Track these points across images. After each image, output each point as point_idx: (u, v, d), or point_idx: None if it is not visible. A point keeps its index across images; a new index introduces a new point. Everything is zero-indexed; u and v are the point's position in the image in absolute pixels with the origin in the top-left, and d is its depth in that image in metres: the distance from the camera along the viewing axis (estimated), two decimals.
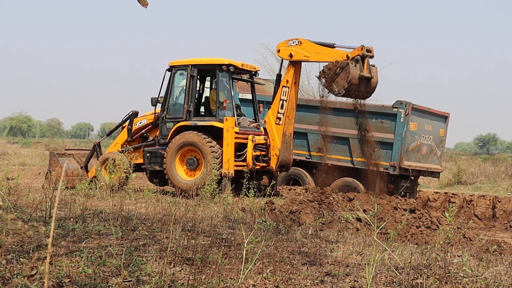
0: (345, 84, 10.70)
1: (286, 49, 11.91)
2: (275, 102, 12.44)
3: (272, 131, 12.50)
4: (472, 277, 5.63)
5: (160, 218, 7.93)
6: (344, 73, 10.71)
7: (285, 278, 5.20)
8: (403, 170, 13.32)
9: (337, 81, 10.81)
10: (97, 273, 4.85)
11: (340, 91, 10.82)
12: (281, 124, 12.36)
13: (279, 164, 12.70)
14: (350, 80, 10.64)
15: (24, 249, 5.48)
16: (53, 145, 38.37)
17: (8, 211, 7.38)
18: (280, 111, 12.34)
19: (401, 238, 8.86)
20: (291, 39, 11.92)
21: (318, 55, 11.52)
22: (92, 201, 10.07)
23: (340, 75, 10.73)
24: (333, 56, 11.21)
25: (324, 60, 11.40)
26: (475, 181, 21.85)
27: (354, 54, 10.96)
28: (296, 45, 11.75)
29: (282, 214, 9.07)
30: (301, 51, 11.73)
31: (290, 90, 12.17)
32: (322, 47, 11.50)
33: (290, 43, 11.87)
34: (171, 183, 12.67)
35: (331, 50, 11.38)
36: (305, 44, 11.70)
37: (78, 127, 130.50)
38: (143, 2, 6.74)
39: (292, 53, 11.85)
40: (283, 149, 12.53)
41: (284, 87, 12.25)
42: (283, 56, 12.13)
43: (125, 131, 13.94)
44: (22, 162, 22.96)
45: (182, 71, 13.09)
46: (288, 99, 12.17)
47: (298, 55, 11.81)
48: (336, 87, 10.81)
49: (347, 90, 10.81)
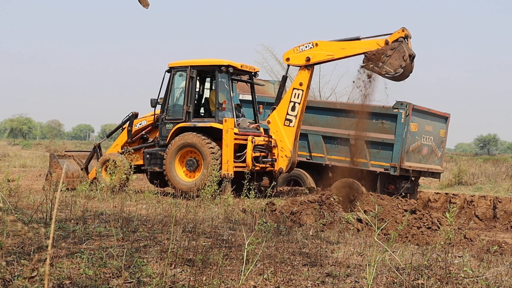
0: (402, 63, 10.61)
1: (300, 54, 11.69)
2: (283, 103, 12.28)
3: (280, 132, 12.38)
4: (473, 278, 5.62)
5: (160, 220, 7.93)
6: (398, 53, 10.62)
7: (286, 279, 5.20)
8: (403, 171, 13.31)
9: (390, 62, 10.70)
10: (97, 275, 4.84)
11: (397, 70, 10.68)
12: (293, 126, 12.26)
13: (290, 165, 12.71)
14: (406, 58, 10.60)
15: (24, 251, 5.48)
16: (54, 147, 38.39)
17: (8, 213, 7.38)
18: (291, 113, 12.19)
19: (402, 238, 8.86)
20: (302, 44, 11.71)
21: (345, 51, 11.28)
22: (92, 203, 10.07)
23: (393, 56, 10.63)
24: (365, 46, 11.03)
25: (354, 53, 11.21)
26: (475, 182, 21.83)
27: (396, 36, 10.89)
28: (312, 48, 11.55)
29: (283, 215, 9.07)
30: (321, 52, 11.51)
31: (304, 93, 12.02)
32: (348, 42, 11.27)
33: (302, 48, 11.66)
34: (171, 184, 12.67)
35: (361, 41, 11.19)
36: (322, 44, 11.50)
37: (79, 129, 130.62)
38: (144, 2, 6.74)
39: (309, 56, 11.62)
40: (294, 150, 12.49)
41: (297, 89, 12.06)
42: (296, 63, 11.86)
43: (125, 132, 13.94)
44: (22, 164, 22.96)
45: (181, 72, 13.09)
46: (301, 102, 12.06)
47: (318, 57, 11.58)
48: (390, 68, 10.66)
49: (403, 69, 10.72)
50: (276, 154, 12.74)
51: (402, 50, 10.62)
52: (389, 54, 10.64)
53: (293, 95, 12.12)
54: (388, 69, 10.69)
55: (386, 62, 10.69)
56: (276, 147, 12.72)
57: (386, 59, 10.66)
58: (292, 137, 12.31)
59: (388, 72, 10.75)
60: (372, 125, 13.51)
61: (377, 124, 13.47)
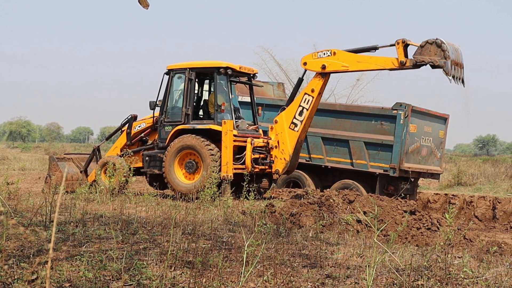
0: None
1: (317, 61, 11.44)
2: (293, 106, 12.12)
3: (284, 134, 12.24)
4: (472, 278, 5.63)
5: (160, 222, 7.93)
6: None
7: (285, 280, 5.20)
8: (403, 172, 13.32)
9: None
10: (97, 277, 4.84)
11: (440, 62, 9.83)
12: (297, 131, 12.08)
13: (287, 168, 12.67)
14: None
15: (24, 254, 5.48)
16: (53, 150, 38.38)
17: (8, 216, 7.38)
18: (298, 117, 12.01)
19: (402, 239, 8.86)
20: (320, 50, 11.48)
21: (360, 64, 10.99)
22: (92, 205, 10.07)
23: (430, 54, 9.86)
24: (380, 64, 10.71)
25: (368, 69, 11.03)
26: (475, 182, 21.85)
27: (402, 53, 10.29)
28: (329, 56, 11.27)
29: (283, 217, 9.07)
30: (337, 62, 11.22)
31: (314, 100, 11.81)
32: (363, 56, 10.92)
33: (320, 54, 11.40)
34: (170, 186, 12.67)
35: (377, 58, 10.80)
36: (340, 54, 11.17)
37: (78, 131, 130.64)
38: (144, 3, 6.74)
39: (325, 64, 11.35)
40: (294, 155, 12.40)
41: (308, 95, 11.84)
42: (312, 68, 11.63)
43: (124, 135, 13.94)
44: (21, 167, 22.96)
45: (180, 75, 13.10)
46: (310, 108, 11.83)
47: (333, 66, 11.28)
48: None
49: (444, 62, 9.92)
50: (274, 156, 12.69)
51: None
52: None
53: (303, 100, 11.92)
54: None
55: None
56: (274, 148, 12.69)
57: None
58: (294, 142, 12.18)
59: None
60: (371, 126, 13.53)
61: (376, 125, 13.49)
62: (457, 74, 9.77)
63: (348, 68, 11.13)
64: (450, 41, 10.10)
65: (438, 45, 9.54)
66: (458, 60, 9.79)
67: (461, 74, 9.85)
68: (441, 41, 9.57)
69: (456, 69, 9.71)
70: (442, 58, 9.57)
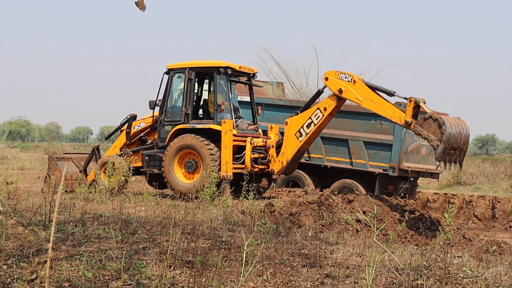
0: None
1: (337, 81, 11.08)
2: (304, 115, 11.81)
3: (289, 139, 12.01)
4: (472, 278, 5.63)
5: (159, 221, 7.93)
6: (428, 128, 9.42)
7: (285, 280, 5.20)
8: (402, 172, 13.32)
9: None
10: (97, 277, 4.84)
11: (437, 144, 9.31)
12: (300, 141, 11.86)
13: (282, 172, 12.65)
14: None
15: (24, 254, 5.48)
16: (52, 149, 38.36)
17: (7, 216, 7.38)
18: (305, 128, 11.75)
19: (401, 239, 8.88)
20: (344, 72, 11.11)
21: (372, 104, 10.61)
22: (91, 205, 10.07)
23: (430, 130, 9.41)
24: (389, 113, 10.39)
25: (378, 112, 10.64)
26: (474, 182, 21.86)
27: (410, 112, 9.91)
28: (349, 82, 10.88)
29: (282, 216, 9.08)
30: (353, 92, 10.82)
31: (323, 118, 11.52)
32: (378, 98, 10.56)
33: (342, 76, 11.02)
34: (170, 186, 12.66)
35: (388, 105, 10.46)
36: (359, 85, 10.78)
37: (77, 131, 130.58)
38: (141, 5, 6.76)
39: (342, 89, 10.97)
40: (292, 161, 12.31)
41: (320, 111, 11.52)
42: (330, 87, 11.24)
43: (124, 134, 13.93)
44: (21, 166, 22.96)
45: (180, 74, 13.09)
46: (318, 125, 11.57)
47: (349, 95, 10.92)
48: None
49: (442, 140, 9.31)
50: (271, 155, 12.66)
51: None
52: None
53: (314, 114, 11.62)
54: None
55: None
56: (271, 147, 12.68)
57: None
58: (295, 150, 11.99)
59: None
60: (370, 126, 13.53)
61: (375, 125, 13.48)
62: (452, 158, 9.31)
63: (360, 103, 10.81)
64: (462, 119, 9.61)
65: (439, 125, 9.13)
66: (458, 145, 9.35)
67: (458, 157, 9.42)
68: (443, 121, 9.10)
69: (452, 153, 9.28)
70: (438, 140, 9.19)
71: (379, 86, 10.69)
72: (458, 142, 9.24)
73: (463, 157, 9.52)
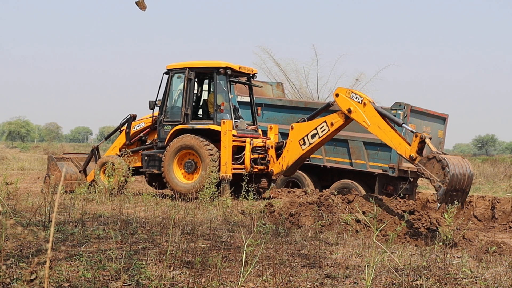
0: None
1: (347, 100, 10.76)
2: (311, 125, 11.59)
3: (292, 144, 11.85)
4: (471, 278, 5.63)
5: (159, 222, 7.93)
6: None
7: (285, 280, 5.20)
8: (402, 172, 13.32)
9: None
10: (96, 277, 4.84)
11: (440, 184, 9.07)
12: (303, 150, 11.69)
13: (281, 174, 12.63)
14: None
15: (23, 254, 5.48)
16: (52, 149, 38.36)
17: (7, 216, 7.38)
18: (309, 138, 11.53)
19: (401, 239, 8.87)
20: (356, 91, 10.82)
21: (379, 131, 10.34)
22: (91, 205, 10.07)
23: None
24: (395, 143, 10.12)
25: (383, 140, 10.40)
26: (474, 182, 21.88)
27: (416, 147, 9.74)
28: (359, 103, 10.56)
29: (282, 217, 9.08)
30: (362, 114, 10.55)
31: (328, 133, 11.34)
32: (386, 125, 10.28)
33: (353, 96, 10.69)
34: (169, 186, 12.67)
35: (394, 136, 10.21)
36: (368, 108, 10.46)
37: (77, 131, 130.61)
38: (141, 5, 6.76)
39: (351, 109, 10.66)
40: (292, 167, 12.26)
41: (326, 124, 11.27)
42: (340, 105, 10.91)
43: (123, 134, 13.94)
44: (21, 167, 22.95)
45: (179, 74, 13.10)
46: (322, 138, 11.40)
47: (357, 117, 10.64)
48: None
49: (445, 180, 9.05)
50: (270, 155, 12.65)
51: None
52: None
53: (320, 126, 11.38)
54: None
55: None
56: (271, 148, 12.67)
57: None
58: (296, 157, 11.91)
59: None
60: None
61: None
62: (454, 199, 9.05)
63: (367, 127, 10.58)
64: (466, 159, 9.48)
65: (443, 166, 8.89)
66: (461, 186, 9.18)
67: (460, 198, 9.21)
68: (446, 163, 8.86)
69: (454, 195, 9.04)
70: (440, 182, 8.94)
71: (388, 114, 10.46)
72: (461, 183, 9.07)
73: (465, 198, 9.35)
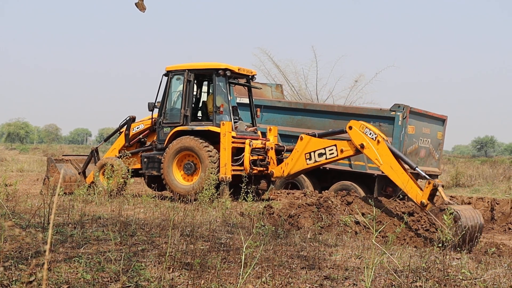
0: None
1: (360, 135, 10.56)
2: (320, 143, 11.43)
3: (298, 154, 11.71)
4: (471, 280, 5.63)
5: (158, 223, 7.93)
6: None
7: (284, 282, 5.20)
8: None
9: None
10: (95, 279, 4.84)
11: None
12: (307, 164, 11.60)
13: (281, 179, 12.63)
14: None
15: (22, 256, 5.47)
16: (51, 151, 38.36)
17: (6, 218, 7.37)
18: (316, 156, 11.42)
19: (400, 241, 8.86)
20: (370, 126, 10.62)
21: (391, 172, 10.10)
22: (90, 207, 10.06)
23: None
24: (406, 187, 9.89)
25: (394, 180, 10.17)
26: (473, 184, 21.88)
27: (427, 193, 9.59)
28: (373, 140, 10.32)
29: (281, 218, 9.07)
30: (374, 152, 10.31)
31: (336, 158, 11.28)
32: (399, 167, 10.07)
33: (366, 131, 10.48)
34: (168, 188, 12.66)
35: (407, 178, 9.97)
36: (382, 146, 10.23)
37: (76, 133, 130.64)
38: (141, 6, 6.76)
39: (364, 144, 10.45)
40: (293, 175, 12.23)
41: (336, 149, 11.15)
42: (353, 139, 10.68)
43: (123, 136, 13.94)
44: (20, 168, 22.94)
45: (178, 76, 13.10)
46: (329, 160, 11.36)
47: (369, 152, 10.41)
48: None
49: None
50: (270, 157, 12.65)
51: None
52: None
53: (330, 149, 11.26)
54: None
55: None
56: (270, 149, 12.68)
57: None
58: (299, 169, 11.83)
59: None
60: None
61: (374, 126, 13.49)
62: (463, 245, 8.80)
63: (379, 166, 10.38)
64: (476, 210, 9.40)
65: (455, 220, 8.67)
66: (472, 237, 9.03)
67: (468, 245, 8.94)
68: (459, 216, 8.73)
69: (462, 244, 8.79)
70: (450, 234, 8.54)
71: (401, 155, 10.29)
72: (471, 235, 8.96)
73: (474, 245, 9.20)
